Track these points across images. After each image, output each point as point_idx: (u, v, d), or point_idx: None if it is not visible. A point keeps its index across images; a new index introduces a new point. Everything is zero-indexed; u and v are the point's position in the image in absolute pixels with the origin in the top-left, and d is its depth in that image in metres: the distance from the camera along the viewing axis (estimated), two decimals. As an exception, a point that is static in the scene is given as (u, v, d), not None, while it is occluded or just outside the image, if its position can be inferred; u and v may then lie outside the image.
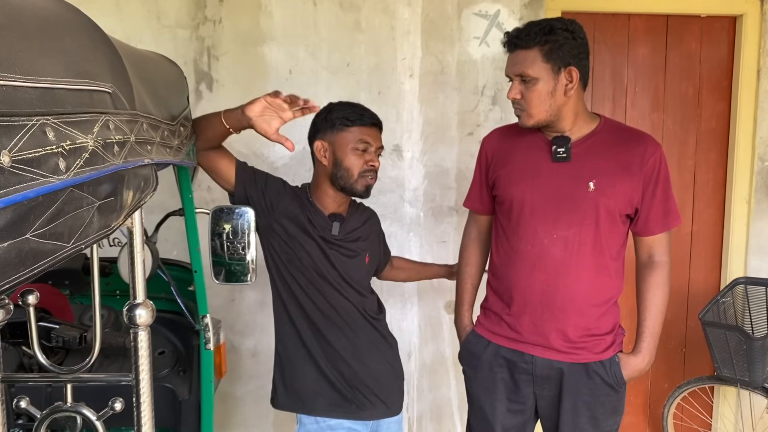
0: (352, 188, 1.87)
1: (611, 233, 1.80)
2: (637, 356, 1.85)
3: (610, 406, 1.86)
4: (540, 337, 1.81)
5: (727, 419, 3.10)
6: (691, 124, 3.08)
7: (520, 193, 1.82)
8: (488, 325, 1.93)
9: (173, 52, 2.76)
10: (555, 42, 1.70)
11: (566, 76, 1.73)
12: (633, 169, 1.77)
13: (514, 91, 1.77)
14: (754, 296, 2.84)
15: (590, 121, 1.83)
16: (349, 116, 1.85)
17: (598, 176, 1.76)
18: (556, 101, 1.74)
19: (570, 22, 1.75)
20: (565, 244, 1.77)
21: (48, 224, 0.64)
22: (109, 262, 2.16)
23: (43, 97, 0.67)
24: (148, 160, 0.99)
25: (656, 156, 1.78)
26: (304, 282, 1.86)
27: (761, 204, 3.01)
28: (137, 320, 1.07)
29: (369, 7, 2.85)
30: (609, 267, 1.81)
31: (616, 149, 1.79)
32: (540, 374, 1.83)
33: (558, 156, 1.77)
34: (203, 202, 2.76)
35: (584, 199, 1.76)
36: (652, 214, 1.81)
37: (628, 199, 1.78)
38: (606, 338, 1.83)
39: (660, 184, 1.79)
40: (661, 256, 1.86)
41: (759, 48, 2.94)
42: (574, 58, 1.72)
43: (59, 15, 0.85)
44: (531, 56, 1.71)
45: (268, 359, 2.89)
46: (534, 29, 1.71)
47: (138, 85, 1.07)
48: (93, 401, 1.30)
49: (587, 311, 1.79)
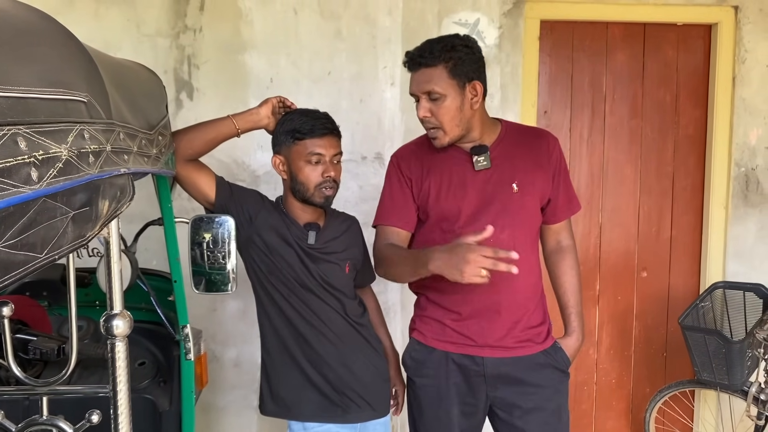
0: (311, 200, 1.86)
1: (534, 228, 1.92)
2: (572, 336, 1.95)
3: (564, 392, 1.93)
4: (487, 338, 1.84)
5: (708, 423, 3.12)
6: (669, 130, 3.12)
7: (452, 206, 1.84)
8: (430, 333, 1.92)
9: (153, 60, 2.75)
10: (458, 58, 1.73)
11: (471, 91, 1.77)
12: (543, 164, 1.89)
13: (423, 110, 1.78)
14: (733, 300, 2.88)
15: (494, 126, 1.90)
16: (300, 128, 1.83)
17: (518, 176, 1.84)
18: (465, 115, 1.78)
19: (466, 37, 1.80)
20: (501, 247, 1.76)
21: (19, 235, 0.64)
22: (89, 272, 2.14)
23: (15, 106, 0.67)
24: (125, 170, 0.98)
25: (557, 148, 1.93)
26: (285, 292, 1.86)
27: (738, 209, 3.05)
28: (114, 331, 1.06)
29: (350, 16, 2.86)
30: (533, 260, 1.91)
31: (525, 148, 1.89)
32: (491, 374, 1.85)
33: (480, 165, 1.83)
34: (183, 211, 2.74)
35: (511, 201, 1.83)
36: (559, 202, 1.94)
37: (544, 192, 1.90)
38: (542, 328, 1.91)
39: (563, 174, 1.94)
40: (568, 240, 2.01)
41: (734, 56, 2.99)
42: (476, 72, 1.77)
43: (34, 24, 0.84)
44: (437, 74, 1.74)
45: (251, 369, 2.87)
46: (436, 47, 1.74)
47: (114, 94, 1.06)
48: (73, 413, 1.28)
49: (526, 305, 1.87)
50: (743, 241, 3.07)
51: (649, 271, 3.16)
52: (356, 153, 2.89)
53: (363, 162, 2.92)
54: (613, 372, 3.24)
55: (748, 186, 3.04)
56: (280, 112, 1.91)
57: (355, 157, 2.89)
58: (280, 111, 1.91)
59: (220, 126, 1.85)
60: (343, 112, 2.82)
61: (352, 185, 2.90)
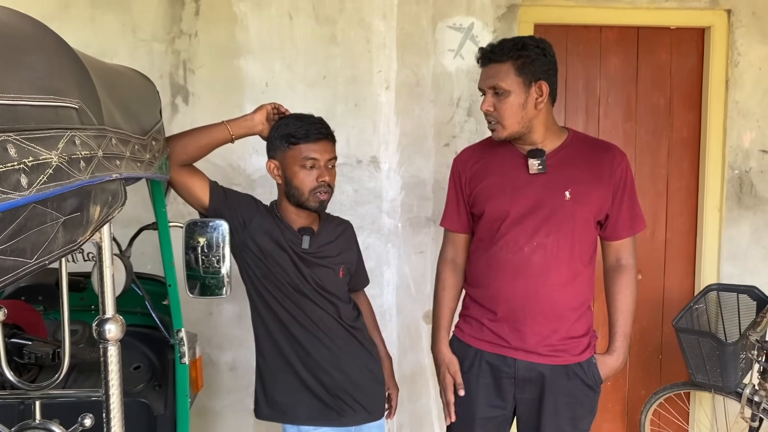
0: (305, 205, 1.87)
1: (585, 239, 1.88)
2: (612, 355, 1.93)
3: (588, 406, 1.93)
4: (522, 342, 1.86)
5: (702, 425, 3.13)
6: (663, 133, 3.13)
7: (502, 207, 1.87)
8: (470, 332, 1.96)
9: (149, 65, 2.76)
10: (527, 57, 1.77)
11: (536, 90, 1.80)
12: (603, 178, 1.86)
13: (487, 104, 1.83)
14: (727, 302, 2.89)
15: (560, 133, 1.91)
16: (295, 133, 1.84)
17: (573, 185, 1.84)
18: (527, 114, 1.81)
19: (541, 40, 1.84)
20: (545, 251, 1.83)
21: (9, 240, 0.64)
22: (84, 276, 2.15)
23: (6, 113, 0.67)
24: (117, 175, 0.99)
25: (623, 165, 1.89)
26: (280, 296, 1.87)
27: (732, 211, 3.06)
28: (107, 335, 1.06)
29: (345, 21, 2.87)
30: (583, 273, 1.89)
31: (587, 159, 1.88)
32: (522, 377, 1.88)
33: (534, 168, 1.85)
34: (179, 215, 2.74)
35: (561, 208, 1.83)
36: (620, 219, 1.91)
37: (601, 206, 1.87)
38: (582, 340, 1.90)
39: (627, 191, 1.90)
40: (628, 259, 1.96)
41: (727, 59, 3.01)
42: (545, 73, 1.80)
43: (24, 31, 0.85)
44: (504, 70, 1.78)
45: (247, 373, 2.88)
46: (507, 44, 1.79)
47: (107, 99, 1.07)
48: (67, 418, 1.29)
49: (566, 315, 1.86)
50: (737, 244, 3.08)
51: (644, 274, 3.17)
52: (351, 157, 2.90)
53: (358, 166, 2.93)
54: (608, 374, 3.24)
55: (742, 188, 3.05)
56: (275, 119, 1.92)
57: (350, 161, 2.90)
58: (275, 117, 1.92)
59: (214, 132, 1.85)
60: (338, 116, 2.83)
61: (347, 189, 2.91)
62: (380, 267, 2.96)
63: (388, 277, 2.98)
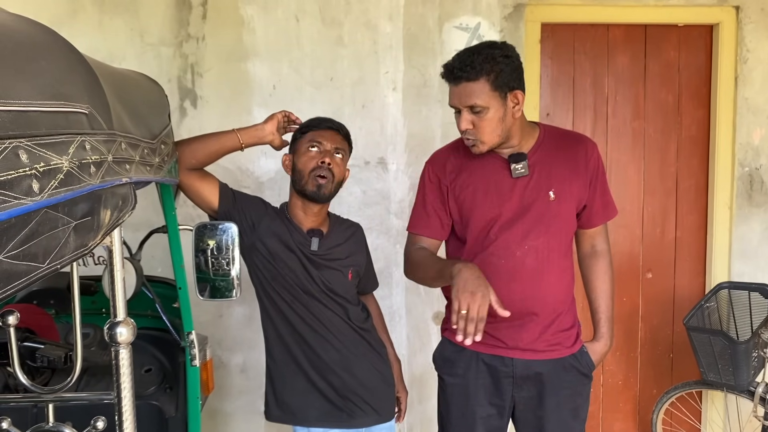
0: (305, 190, 1.87)
1: (569, 234, 1.93)
2: (600, 341, 1.97)
3: (585, 395, 1.95)
4: (518, 341, 1.86)
5: (715, 424, 3.11)
6: (672, 131, 3.12)
7: (490, 212, 1.85)
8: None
9: (157, 69, 2.78)
10: (500, 71, 1.72)
11: (512, 100, 1.77)
12: (579, 170, 1.89)
13: (465, 122, 1.77)
14: (738, 300, 2.87)
15: (532, 132, 1.90)
16: (308, 124, 1.93)
17: (556, 184, 1.85)
18: (506, 125, 1.78)
19: (503, 45, 1.79)
20: (536, 253, 1.83)
21: (21, 245, 0.65)
22: (95, 280, 2.16)
23: (17, 119, 0.68)
24: (126, 179, 1.00)
25: (595, 155, 1.92)
26: (289, 298, 1.87)
27: (743, 209, 3.04)
28: (118, 338, 1.07)
29: (351, 22, 2.87)
30: (569, 266, 1.92)
31: (563, 154, 1.89)
32: (520, 375, 1.88)
33: (518, 172, 1.83)
34: (189, 218, 2.76)
35: (548, 209, 1.84)
36: (594, 208, 1.94)
37: (580, 197, 1.90)
38: (572, 331, 1.92)
39: (599, 180, 1.93)
40: (602, 244, 2.01)
41: (736, 56, 2.99)
42: (516, 80, 1.76)
43: (34, 37, 0.86)
44: (479, 88, 1.72)
45: (258, 374, 2.88)
46: (477, 61, 1.72)
47: (116, 104, 1.08)
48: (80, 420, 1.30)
49: (559, 309, 1.88)
50: (748, 241, 3.06)
51: (655, 272, 3.16)
52: (359, 158, 2.90)
53: (366, 167, 2.93)
54: (619, 373, 3.24)
55: (752, 186, 3.04)
56: (286, 128, 1.94)
57: (358, 162, 2.90)
58: (286, 126, 1.93)
59: (224, 139, 1.87)
60: (346, 118, 2.82)
61: (356, 190, 2.92)
62: (389, 268, 2.96)
63: (397, 278, 2.98)
